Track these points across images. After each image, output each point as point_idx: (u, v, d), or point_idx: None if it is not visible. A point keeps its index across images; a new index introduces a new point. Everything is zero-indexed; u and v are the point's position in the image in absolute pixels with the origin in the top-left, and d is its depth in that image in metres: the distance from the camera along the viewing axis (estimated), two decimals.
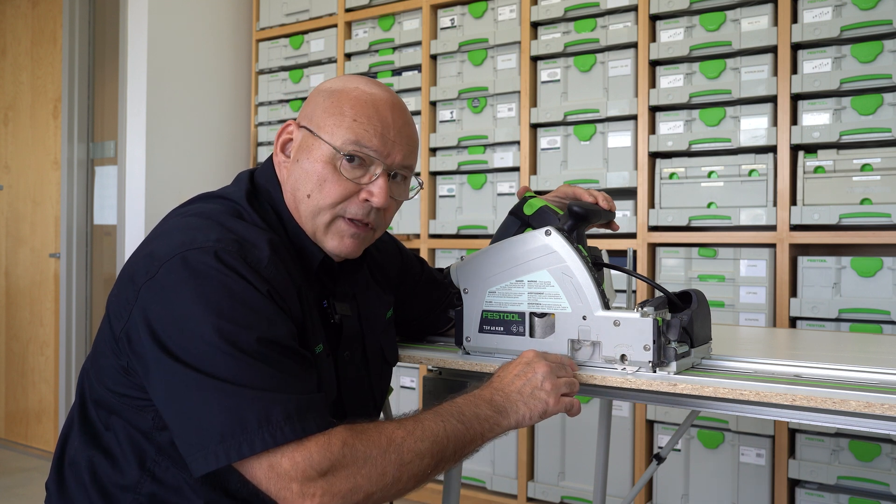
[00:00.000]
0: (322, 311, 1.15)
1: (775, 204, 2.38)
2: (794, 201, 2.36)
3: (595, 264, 1.23)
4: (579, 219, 1.24)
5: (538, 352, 1.15)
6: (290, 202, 1.13)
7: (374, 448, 0.94)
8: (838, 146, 2.32)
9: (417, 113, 3.05)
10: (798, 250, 2.43)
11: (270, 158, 1.18)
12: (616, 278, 2.42)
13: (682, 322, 1.14)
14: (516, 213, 1.34)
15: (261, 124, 3.53)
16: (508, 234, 1.31)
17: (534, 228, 1.29)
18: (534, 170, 2.80)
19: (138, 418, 1.03)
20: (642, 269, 2.54)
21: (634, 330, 1.13)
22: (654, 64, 2.59)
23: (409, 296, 1.42)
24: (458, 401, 1.06)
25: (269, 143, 3.48)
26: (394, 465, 0.94)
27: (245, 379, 0.91)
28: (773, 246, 2.40)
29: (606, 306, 1.17)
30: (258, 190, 1.15)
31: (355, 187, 1.10)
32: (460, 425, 1.02)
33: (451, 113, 2.98)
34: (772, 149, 2.40)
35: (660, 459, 1.77)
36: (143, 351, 0.96)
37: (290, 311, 1.02)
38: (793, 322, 2.35)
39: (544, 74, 2.78)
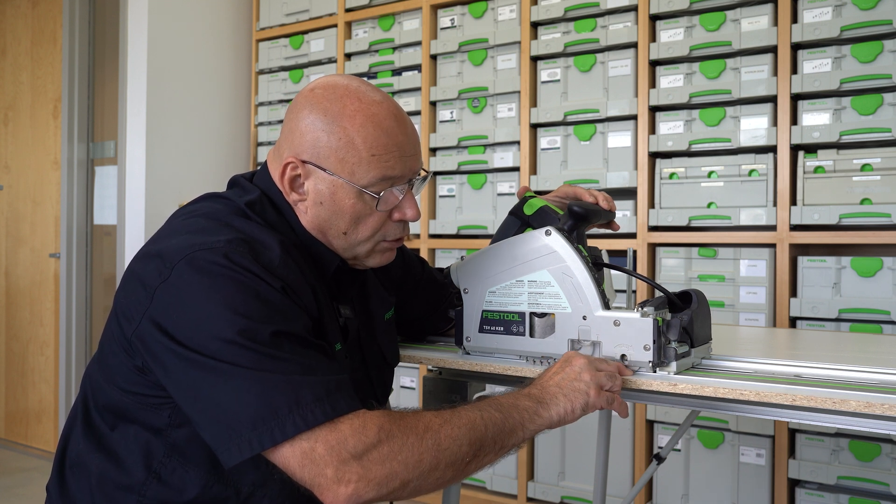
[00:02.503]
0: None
1: (775, 204, 2.38)
2: (794, 201, 2.36)
3: (595, 264, 1.23)
4: (579, 219, 1.24)
5: (589, 357, 1.12)
6: (314, 232, 1.12)
7: (410, 434, 0.92)
8: (838, 146, 2.32)
9: (417, 113, 3.05)
10: (798, 250, 2.43)
11: (265, 167, 1.15)
12: (616, 278, 2.42)
13: (682, 322, 1.14)
14: (516, 213, 1.33)
15: (261, 124, 3.53)
16: (508, 234, 1.31)
17: (534, 228, 1.29)
18: (534, 170, 2.80)
19: (152, 416, 1.02)
20: (642, 269, 2.54)
21: (634, 330, 1.13)
22: (654, 64, 2.59)
23: (410, 296, 1.42)
24: (498, 396, 1.05)
25: (269, 144, 3.48)
26: (431, 451, 0.92)
27: (269, 367, 0.90)
28: (773, 246, 2.40)
29: (606, 306, 1.17)
30: (268, 196, 1.13)
31: (387, 214, 1.11)
32: (498, 414, 1.00)
33: (451, 113, 2.98)
34: (772, 149, 2.40)
35: (660, 459, 1.77)
36: (161, 353, 0.95)
37: (306, 307, 1.01)
38: (793, 322, 2.35)
39: (544, 74, 2.78)
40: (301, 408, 0.89)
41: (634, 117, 2.59)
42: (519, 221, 1.33)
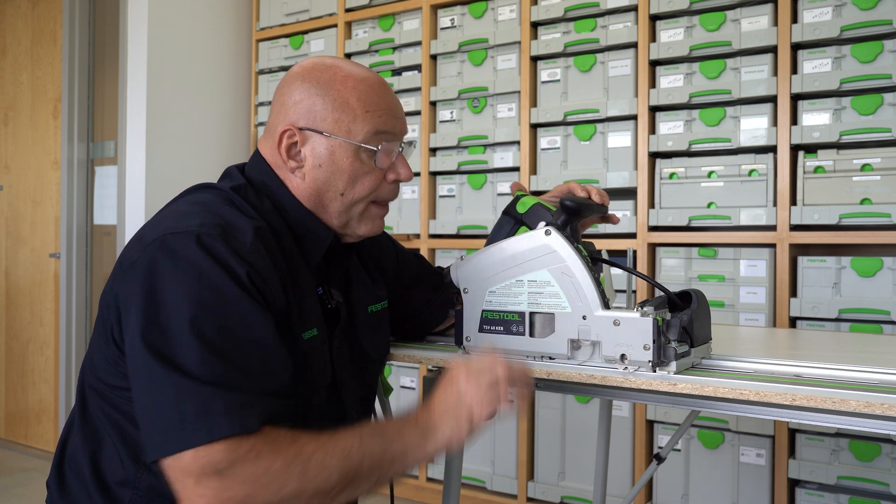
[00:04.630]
0: (319, 298, 1.16)
1: (775, 204, 2.38)
2: (794, 201, 2.36)
3: (593, 259, 1.23)
4: (572, 213, 1.25)
5: (469, 368, 1.07)
6: (311, 202, 1.14)
7: (279, 459, 0.91)
8: (838, 146, 2.32)
9: (417, 113, 3.05)
10: (798, 250, 2.43)
11: (258, 153, 1.19)
12: (616, 278, 2.42)
13: (682, 322, 1.14)
14: (509, 212, 1.35)
15: (261, 124, 3.53)
16: (503, 233, 1.33)
17: (528, 226, 1.30)
18: (534, 170, 2.80)
19: (130, 409, 1.03)
20: (642, 269, 2.54)
21: (634, 329, 1.13)
22: (654, 64, 2.58)
23: (407, 290, 1.43)
24: (387, 420, 1.04)
25: None
26: (295, 478, 0.91)
27: (196, 371, 0.90)
28: (773, 246, 2.39)
29: (606, 306, 1.17)
30: (252, 183, 1.16)
31: (382, 172, 1.15)
32: (379, 443, 0.98)
33: (451, 113, 2.98)
34: (772, 149, 2.40)
35: (660, 459, 1.77)
36: (125, 334, 0.98)
37: (272, 297, 1.01)
38: (793, 322, 2.35)
39: (544, 74, 2.78)
40: (209, 418, 0.89)
41: (634, 117, 2.59)
42: (512, 220, 1.34)
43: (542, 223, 1.24)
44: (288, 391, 0.97)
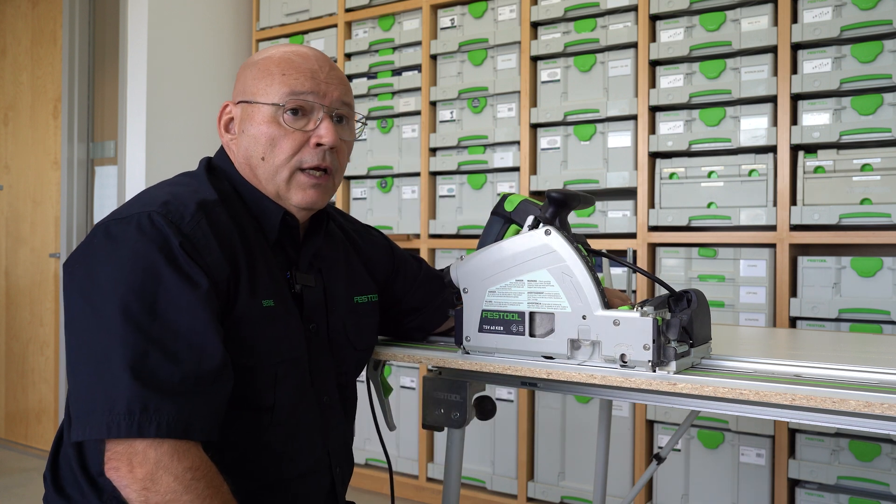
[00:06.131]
0: (286, 281, 1.17)
1: (775, 204, 2.37)
2: (794, 201, 2.36)
3: (588, 251, 1.24)
4: (559, 205, 1.26)
5: None
6: (246, 172, 1.18)
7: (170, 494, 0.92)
8: (838, 146, 2.32)
9: (417, 113, 3.05)
10: (798, 250, 2.43)
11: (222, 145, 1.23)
12: (616, 278, 2.42)
13: (682, 322, 1.14)
14: (498, 211, 1.38)
15: None
16: (493, 234, 1.35)
17: (517, 223, 1.32)
18: (534, 170, 2.80)
19: None
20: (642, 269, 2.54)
21: (634, 329, 1.13)
22: (654, 64, 2.58)
23: (406, 290, 1.43)
24: None
25: None
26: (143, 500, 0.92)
27: (117, 352, 0.92)
28: (773, 246, 2.39)
29: (606, 305, 1.17)
30: (214, 169, 1.20)
31: (304, 136, 1.14)
32: None
33: (451, 113, 2.98)
34: (772, 149, 2.40)
35: (660, 459, 1.77)
36: (67, 305, 1.03)
37: (207, 266, 1.02)
38: (793, 322, 2.35)
39: (544, 74, 2.78)
40: (132, 415, 0.91)
41: (634, 117, 2.59)
42: (502, 219, 1.37)
43: (531, 217, 1.25)
44: (217, 374, 0.98)
